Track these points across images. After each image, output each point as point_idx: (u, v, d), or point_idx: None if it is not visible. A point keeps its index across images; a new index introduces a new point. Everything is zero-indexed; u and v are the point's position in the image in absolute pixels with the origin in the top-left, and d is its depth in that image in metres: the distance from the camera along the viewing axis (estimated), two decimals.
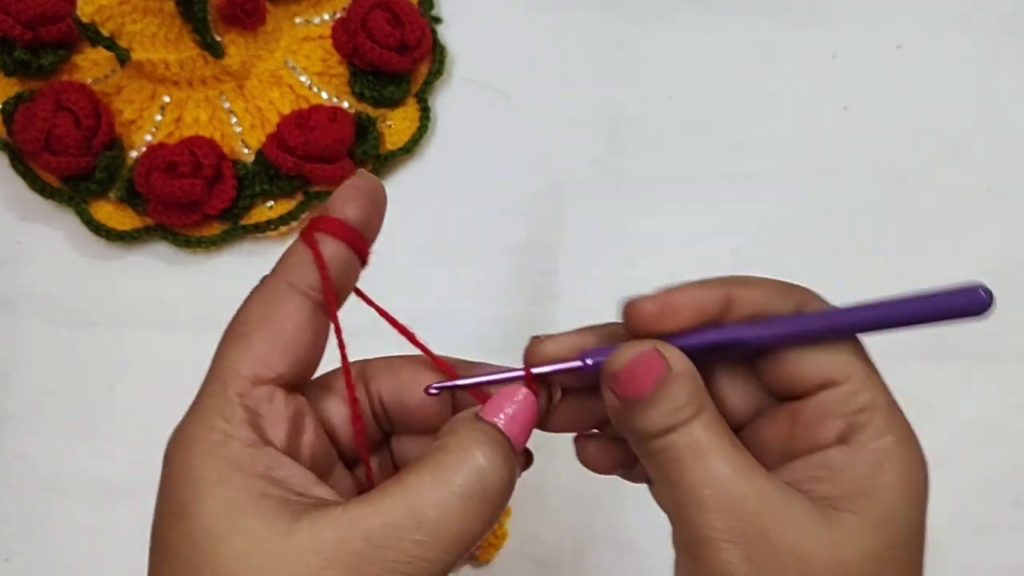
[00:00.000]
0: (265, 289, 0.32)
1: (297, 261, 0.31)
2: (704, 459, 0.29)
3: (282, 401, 0.30)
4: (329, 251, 0.31)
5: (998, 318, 0.58)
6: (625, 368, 0.30)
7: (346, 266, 0.31)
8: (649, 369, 0.29)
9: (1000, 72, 0.62)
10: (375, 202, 0.32)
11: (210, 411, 0.29)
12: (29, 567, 0.52)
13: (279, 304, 0.31)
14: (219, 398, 0.29)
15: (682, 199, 0.59)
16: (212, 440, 0.29)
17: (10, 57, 0.57)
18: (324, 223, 0.31)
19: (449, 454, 0.29)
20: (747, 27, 0.63)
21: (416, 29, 0.59)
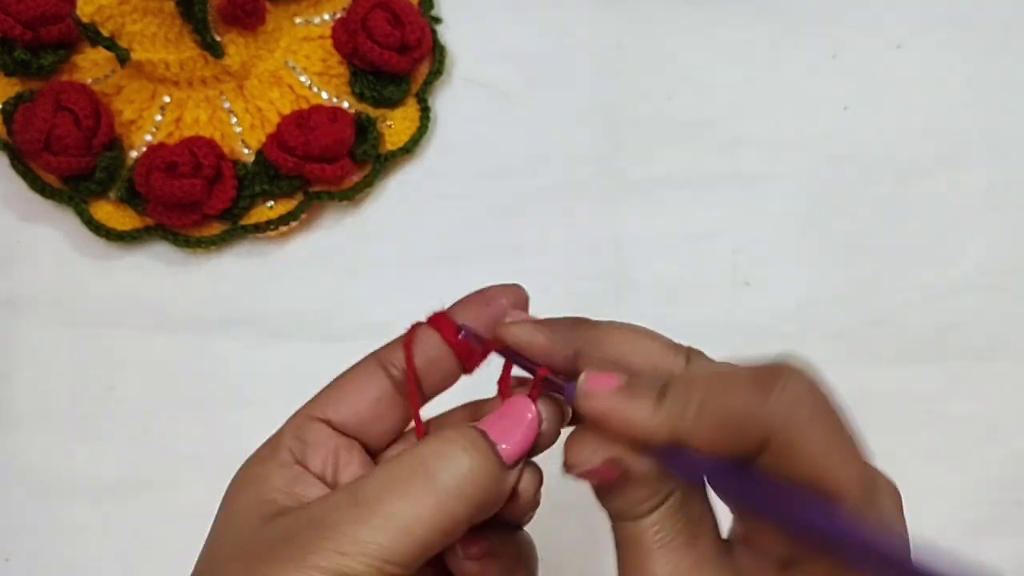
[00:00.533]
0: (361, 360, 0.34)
1: (395, 342, 0.34)
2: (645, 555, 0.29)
3: (326, 434, 0.32)
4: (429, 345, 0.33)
5: (998, 318, 0.58)
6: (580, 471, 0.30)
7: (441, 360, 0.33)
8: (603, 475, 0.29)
9: (1000, 72, 0.62)
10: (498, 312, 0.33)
11: (267, 443, 0.33)
12: (29, 567, 0.52)
13: (355, 369, 0.34)
14: (278, 433, 0.33)
15: (682, 199, 0.59)
16: (255, 461, 0.32)
17: (10, 57, 0.57)
18: (434, 319, 0.33)
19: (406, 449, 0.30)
20: (747, 27, 0.63)
21: (416, 29, 0.59)
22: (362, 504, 0.28)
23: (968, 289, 0.57)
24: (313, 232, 0.58)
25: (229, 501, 0.31)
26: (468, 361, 0.33)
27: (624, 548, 0.30)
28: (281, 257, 0.58)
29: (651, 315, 0.56)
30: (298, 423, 0.32)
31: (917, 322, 0.57)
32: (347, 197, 0.58)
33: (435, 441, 0.29)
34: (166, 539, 0.52)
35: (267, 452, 0.32)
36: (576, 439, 0.30)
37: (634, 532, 0.29)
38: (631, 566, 0.29)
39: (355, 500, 0.28)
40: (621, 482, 0.29)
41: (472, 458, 0.29)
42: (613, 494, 0.30)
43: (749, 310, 0.57)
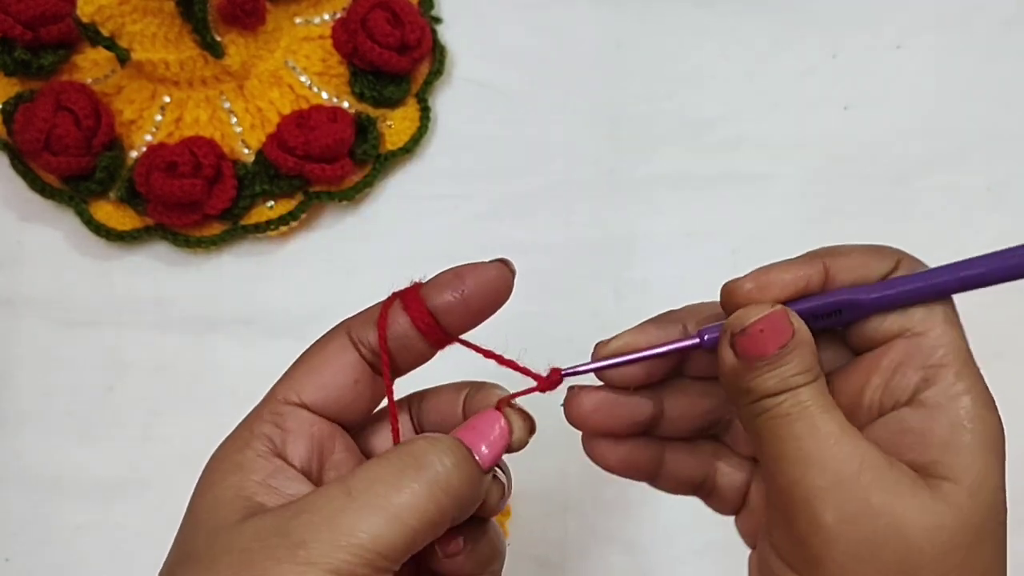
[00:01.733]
0: (330, 331, 0.33)
1: (365, 317, 0.33)
2: (812, 420, 0.30)
3: (307, 421, 0.32)
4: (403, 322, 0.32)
5: (998, 318, 0.58)
6: (754, 326, 0.30)
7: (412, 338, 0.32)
8: (777, 330, 0.30)
9: (1000, 72, 0.62)
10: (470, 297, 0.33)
11: (242, 425, 0.32)
12: (29, 567, 0.52)
13: (328, 345, 0.33)
14: (254, 416, 0.32)
15: (682, 199, 0.59)
16: (233, 447, 0.31)
17: (10, 57, 0.57)
18: (406, 296, 0.33)
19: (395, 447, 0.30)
20: (747, 27, 0.63)
21: (416, 29, 0.59)
22: (355, 495, 0.28)
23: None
24: (313, 232, 0.58)
25: (205, 491, 0.30)
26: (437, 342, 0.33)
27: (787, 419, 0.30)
28: (281, 257, 0.58)
29: (651, 315, 0.57)
30: (275, 408, 0.32)
31: None
32: (347, 197, 0.58)
33: (423, 440, 0.30)
34: (166, 539, 0.52)
35: (243, 438, 0.31)
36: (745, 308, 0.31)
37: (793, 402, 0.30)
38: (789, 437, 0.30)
39: (348, 492, 0.28)
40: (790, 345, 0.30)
41: (458, 457, 0.30)
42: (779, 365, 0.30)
43: None
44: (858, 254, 0.32)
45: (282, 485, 0.30)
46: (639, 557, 0.54)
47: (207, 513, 0.30)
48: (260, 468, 0.30)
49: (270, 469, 0.30)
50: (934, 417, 0.30)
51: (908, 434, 0.30)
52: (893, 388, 0.31)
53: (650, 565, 0.54)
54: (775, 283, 0.31)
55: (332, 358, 0.32)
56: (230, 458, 0.31)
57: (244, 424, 0.32)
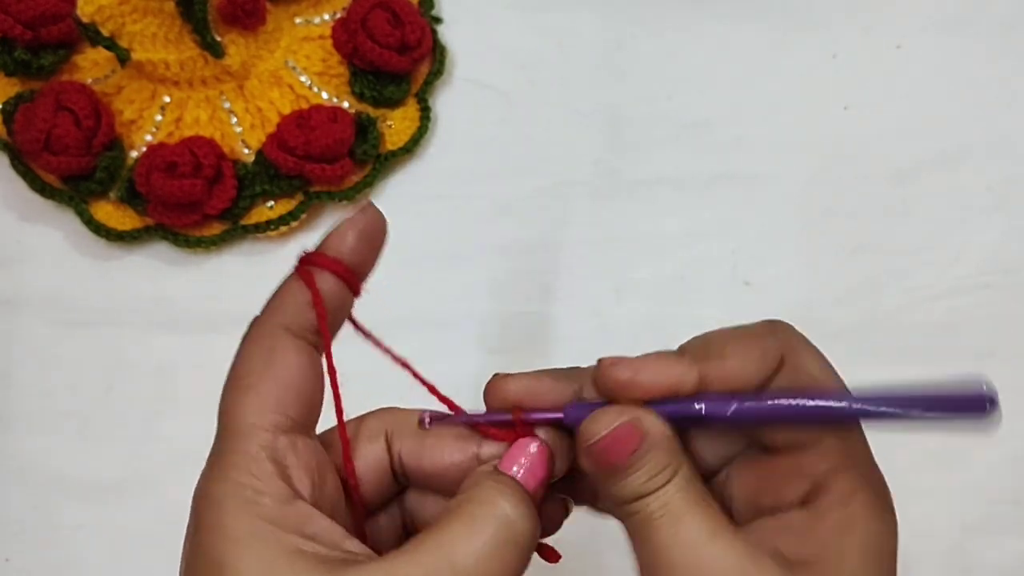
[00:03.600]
0: (261, 335, 0.31)
1: (291, 301, 0.31)
2: (674, 522, 0.29)
3: (304, 451, 0.30)
4: (322, 287, 0.31)
5: (998, 318, 0.58)
6: (600, 441, 0.30)
7: (338, 301, 0.32)
8: (624, 441, 0.30)
9: (1000, 72, 0.62)
10: (370, 238, 0.32)
11: (236, 468, 0.29)
12: (29, 567, 0.52)
13: (279, 351, 0.31)
14: (243, 454, 0.29)
15: (682, 199, 0.59)
16: (244, 497, 0.28)
17: (10, 57, 0.57)
18: (317, 258, 0.31)
19: (477, 506, 0.29)
20: (747, 27, 0.63)
21: (416, 29, 0.59)
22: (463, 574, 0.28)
23: (968, 289, 0.57)
24: (313, 232, 0.58)
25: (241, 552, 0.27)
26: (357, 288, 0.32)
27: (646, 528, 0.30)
28: (281, 257, 0.58)
29: (651, 315, 0.57)
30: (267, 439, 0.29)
31: (917, 322, 0.57)
32: (347, 197, 0.58)
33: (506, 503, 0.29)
34: (166, 539, 0.52)
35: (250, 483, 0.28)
36: (591, 417, 0.30)
37: (658, 504, 0.30)
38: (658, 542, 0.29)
39: (452, 568, 0.28)
40: (640, 452, 0.30)
41: (532, 513, 0.30)
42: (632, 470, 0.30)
43: (749, 310, 0.56)
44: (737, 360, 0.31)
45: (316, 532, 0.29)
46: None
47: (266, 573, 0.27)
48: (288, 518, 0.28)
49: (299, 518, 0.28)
50: (820, 521, 0.30)
51: (790, 532, 0.30)
52: (783, 495, 0.31)
53: None
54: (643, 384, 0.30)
55: (292, 360, 0.30)
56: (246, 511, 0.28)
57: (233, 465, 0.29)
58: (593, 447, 0.30)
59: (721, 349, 0.31)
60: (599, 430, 0.30)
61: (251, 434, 0.29)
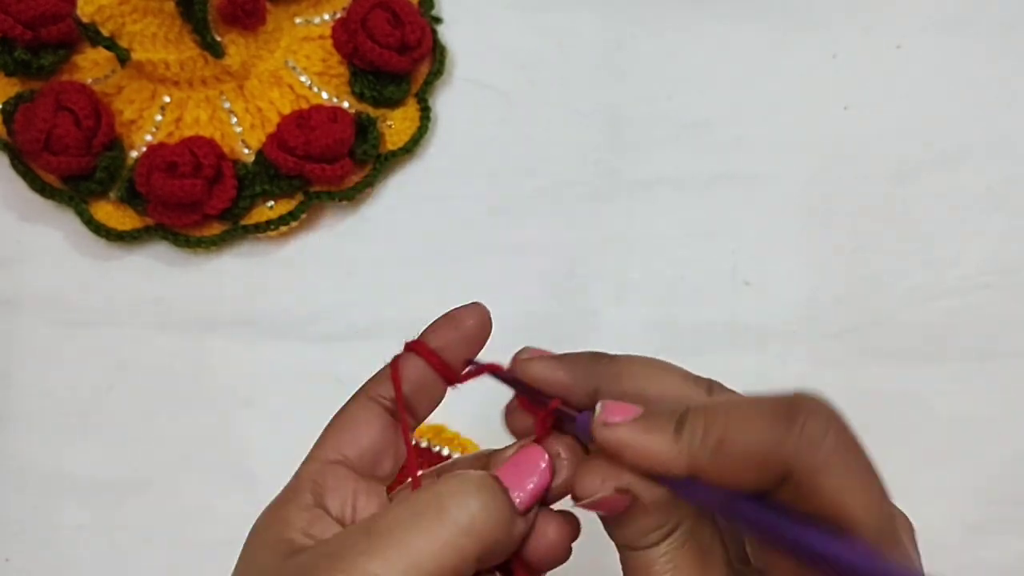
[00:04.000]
0: (349, 400, 0.34)
1: (379, 376, 0.34)
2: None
3: (344, 476, 0.32)
4: (413, 369, 0.34)
5: (998, 318, 0.58)
6: (588, 503, 0.30)
7: (424, 384, 0.34)
8: (612, 505, 0.29)
9: (1000, 72, 0.62)
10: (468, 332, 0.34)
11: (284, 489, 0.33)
12: (29, 567, 0.52)
13: (351, 407, 0.34)
14: (294, 479, 0.33)
15: (682, 199, 0.59)
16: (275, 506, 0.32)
17: (10, 57, 0.57)
18: (412, 345, 0.34)
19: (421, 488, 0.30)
20: (747, 27, 0.63)
21: (416, 29, 0.59)
22: (374, 536, 0.28)
23: (968, 289, 0.57)
24: (313, 232, 0.58)
25: (250, 543, 0.31)
26: (451, 378, 0.34)
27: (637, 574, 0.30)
28: (281, 257, 0.58)
29: (651, 315, 0.57)
30: (316, 468, 0.32)
31: (917, 322, 0.57)
32: (347, 197, 0.58)
33: (450, 480, 0.30)
34: (165, 539, 0.52)
35: (287, 496, 0.32)
36: (586, 469, 0.30)
37: (644, 562, 0.29)
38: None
39: (368, 533, 0.28)
40: (631, 511, 0.29)
41: (484, 498, 0.29)
42: (623, 524, 0.30)
43: (749, 310, 0.57)
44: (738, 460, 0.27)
45: (321, 533, 0.30)
46: None
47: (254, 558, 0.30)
48: (301, 519, 0.31)
49: (309, 519, 0.31)
50: None
51: None
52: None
53: None
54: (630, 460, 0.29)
55: (359, 415, 0.34)
56: (273, 513, 0.32)
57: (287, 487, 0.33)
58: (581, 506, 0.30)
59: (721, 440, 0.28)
60: (586, 493, 0.30)
61: (305, 465, 0.33)
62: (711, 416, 0.28)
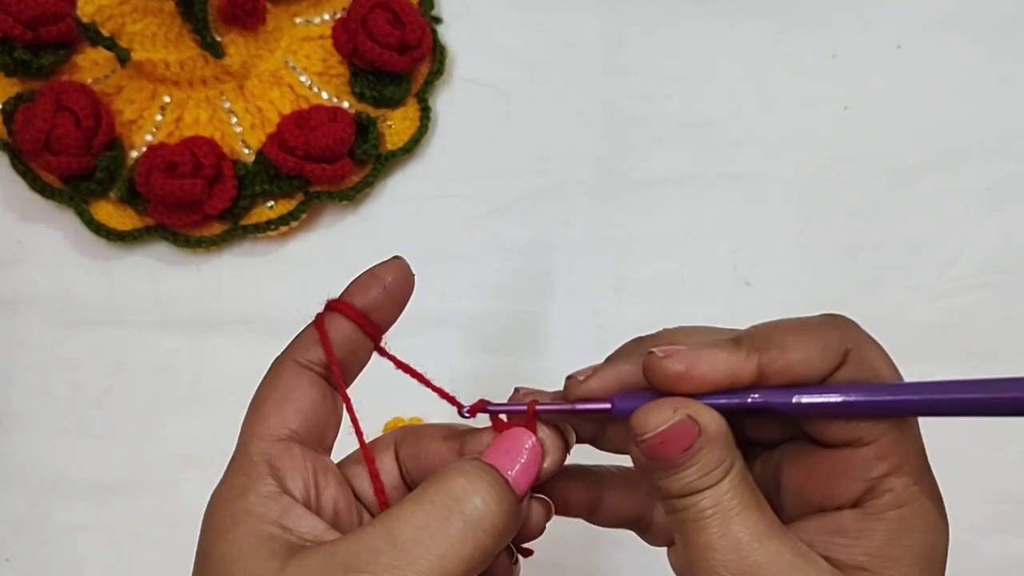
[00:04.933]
0: (273, 368, 0.33)
1: (304, 340, 0.33)
2: (725, 521, 0.29)
3: (300, 455, 0.31)
4: (340, 331, 0.33)
5: (998, 318, 0.58)
6: (654, 437, 0.29)
7: (353, 345, 0.33)
8: (680, 437, 0.29)
9: (1000, 72, 0.62)
10: (392, 289, 0.33)
11: (234, 472, 0.31)
12: (29, 567, 0.52)
13: (284, 376, 0.33)
14: (242, 460, 0.31)
15: (682, 199, 0.59)
16: (233, 494, 0.30)
17: (10, 57, 0.57)
18: (334, 305, 0.33)
19: (433, 484, 0.29)
20: (747, 27, 0.63)
21: (416, 29, 0.59)
22: (402, 547, 0.27)
23: (968, 289, 0.57)
24: (313, 232, 0.58)
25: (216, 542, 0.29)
26: (376, 337, 0.33)
27: (695, 525, 0.29)
28: (281, 257, 0.58)
29: (651, 315, 0.57)
30: (266, 447, 0.31)
31: (917, 322, 0.57)
32: (347, 197, 0.58)
33: (461, 476, 0.29)
34: (166, 539, 0.52)
35: (242, 482, 0.30)
36: (644, 410, 0.29)
37: (710, 502, 0.29)
38: (707, 541, 0.29)
39: (393, 542, 0.28)
40: (695, 449, 0.29)
41: (497, 493, 0.29)
42: (685, 466, 0.29)
43: (749, 310, 0.56)
44: (799, 351, 0.30)
45: (296, 523, 0.30)
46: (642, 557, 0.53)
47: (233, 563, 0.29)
48: (269, 510, 0.30)
49: (279, 509, 0.30)
50: (872, 524, 0.29)
51: (841, 535, 0.29)
52: (835, 494, 0.30)
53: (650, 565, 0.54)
54: (698, 378, 0.29)
55: (293, 384, 0.32)
56: (232, 506, 0.30)
57: (234, 471, 0.31)
58: (646, 442, 0.29)
59: (781, 340, 0.30)
60: (653, 426, 0.29)
61: (251, 443, 0.31)
62: (765, 328, 0.30)
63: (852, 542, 0.29)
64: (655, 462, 0.29)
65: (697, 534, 0.29)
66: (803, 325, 0.31)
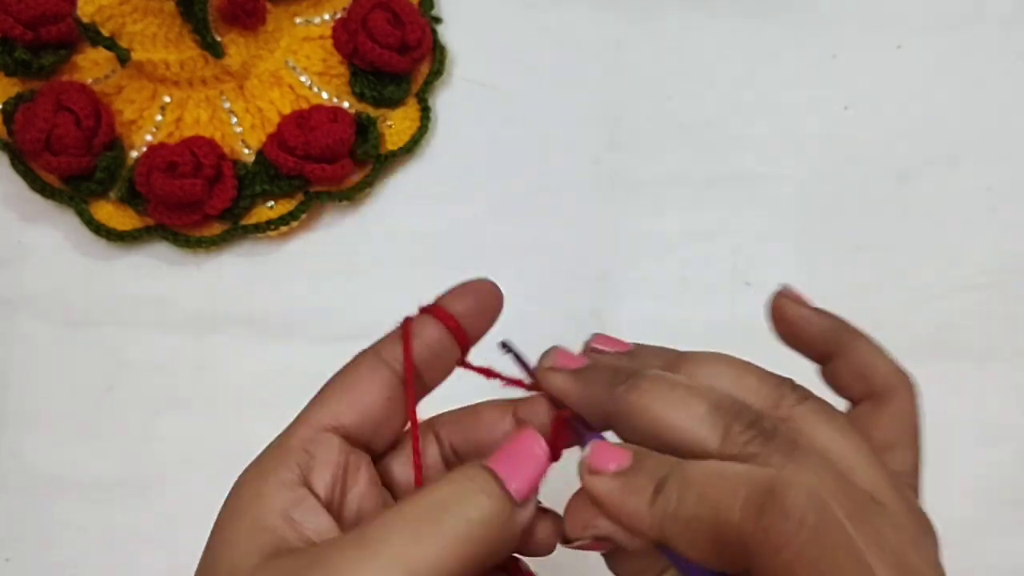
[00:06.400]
0: (356, 357, 0.33)
1: (393, 337, 0.33)
2: None
3: (337, 448, 0.31)
4: (428, 334, 0.32)
5: (998, 318, 0.58)
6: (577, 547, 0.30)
7: (439, 349, 0.33)
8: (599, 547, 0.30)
9: (1000, 72, 0.62)
10: (484, 304, 0.34)
11: (268, 452, 0.31)
12: (29, 567, 0.52)
13: (358, 367, 0.32)
14: (282, 441, 0.31)
15: (682, 199, 0.59)
16: (257, 473, 0.30)
17: (10, 57, 0.57)
18: (428, 308, 0.33)
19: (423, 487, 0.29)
20: (747, 27, 0.63)
21: (416, 29, 0.59)
22: (368, 545, 0.27)
23: (968, 289, 0.57)
24: (313, 232, 0.58)
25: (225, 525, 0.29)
26: (466, 345, 0.33)
27: None
28: (281, 257, 0.58)
29: (651, 315, 0.57)
30: (308, 435, 0.31)
31: (917, 322, 0.57)
32: (347, 197, 0.58)
33: (449, 483, 0.28)
34: (165, 539, 0.52)
35: (271, 464, 0.30)
36: (573, 507, 0.30)
37: None
38: None
39: (362, 540, 0.27)
40: (620, 554, 0.29)
41: (484, 502, 0.28)
42: (617, 561, 0.30)
43: (749, 310, 0.57)
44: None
45: (303, 518, 0.29)
46: None
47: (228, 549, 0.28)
48: (282, 498, 0.29)
49: (292, 499, 0.29)
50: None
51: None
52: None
53: None
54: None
55: (364, 376, 0.32)
56: (252, 485, 0.30)
57: (273, 449, 0.31)
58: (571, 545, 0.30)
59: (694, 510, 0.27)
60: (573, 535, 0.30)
61: (298, 428, 0.31)
62: (688, 487, 0.27)
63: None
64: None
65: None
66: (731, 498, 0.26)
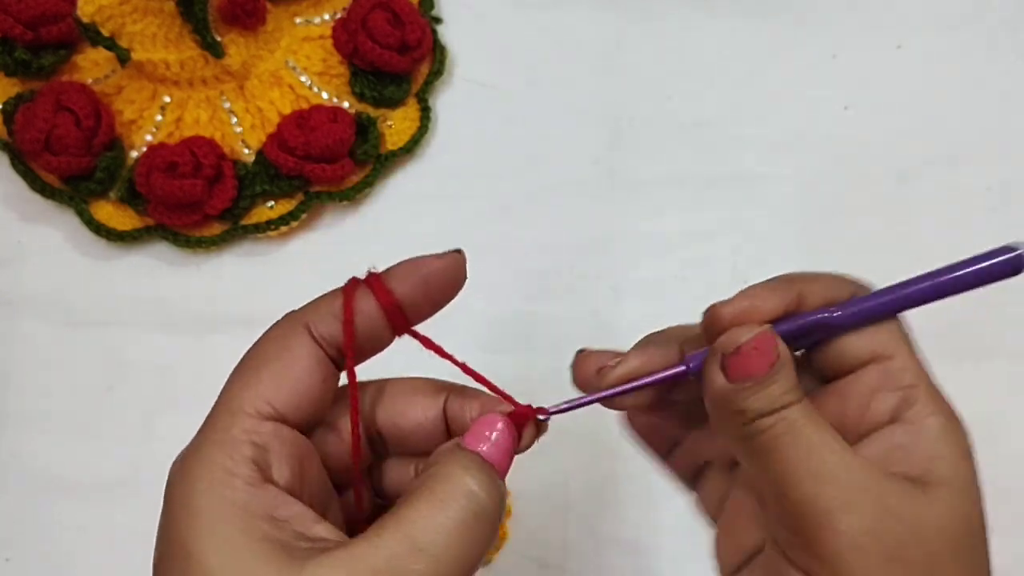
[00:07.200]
0: (283, 327, 0.32)
1: (326, 309, 0.31)
2: (814, 437, 0.30)
3: (289, 440, 0.30)
4: (365, 309, 0.31)
5: (998, 317, 0.58)
6: (746, 345, 0.30)
7: (373, 330, 0.31)
8: (765, 351, 0.30)
9: (1000, 72, 0.62)
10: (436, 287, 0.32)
11: (214, 446, 0.29)
12: (29, 567, 0.52)
13: (292, 346, 0.31)
14: (224, 433, 0.29)
15: (682, 199, 0.59)
16: (214, 477, 0.28)
17: (10, 57, 0.57)
18: (371, 282, 0.31)
19: (440, 483, 0.29)
20: (747, 27, 0.63)
21: (416, 29, 0.59)
22: (427, 554, 0.27)
23: None
24: (313, 232, 0.58)
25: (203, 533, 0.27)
26: (401, 327, 0.31)
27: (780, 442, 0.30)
28: (281, 257, 0.58)
29: (651, 315, 0.57)
30: (251, 425, 0.29)
31: (917, 322, 0.56)
32: (347, 197, 0.58)
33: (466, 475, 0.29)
34: None
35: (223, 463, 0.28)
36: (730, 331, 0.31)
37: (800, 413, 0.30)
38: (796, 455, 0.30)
39: (415, 547, 0.27)
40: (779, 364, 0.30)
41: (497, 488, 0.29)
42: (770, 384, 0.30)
43: None
44: (825, 279, 0.34)
45: (289, 518, 0.28)
46: (639, 558, 0.53)
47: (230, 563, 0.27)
48: (260, 503, 0.28)
49: (268, 502, 0.28)
50: (918, 432, 0.31)
51: (898, 450, 0.31)
52: (874, 410, 0.31)
53: (650, 565, 0.54)
54: (759, 308, 0.31)
55: (298, 358, 0.30)
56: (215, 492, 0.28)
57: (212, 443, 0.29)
58: (740, 350, 0.30)
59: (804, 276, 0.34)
60: (742, 336, 0.30)
61: (237, 417, 0.30)
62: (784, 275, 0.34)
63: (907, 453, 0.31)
64: (741, 380, 0.30)
65: (784, 450, 0.30)
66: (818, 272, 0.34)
